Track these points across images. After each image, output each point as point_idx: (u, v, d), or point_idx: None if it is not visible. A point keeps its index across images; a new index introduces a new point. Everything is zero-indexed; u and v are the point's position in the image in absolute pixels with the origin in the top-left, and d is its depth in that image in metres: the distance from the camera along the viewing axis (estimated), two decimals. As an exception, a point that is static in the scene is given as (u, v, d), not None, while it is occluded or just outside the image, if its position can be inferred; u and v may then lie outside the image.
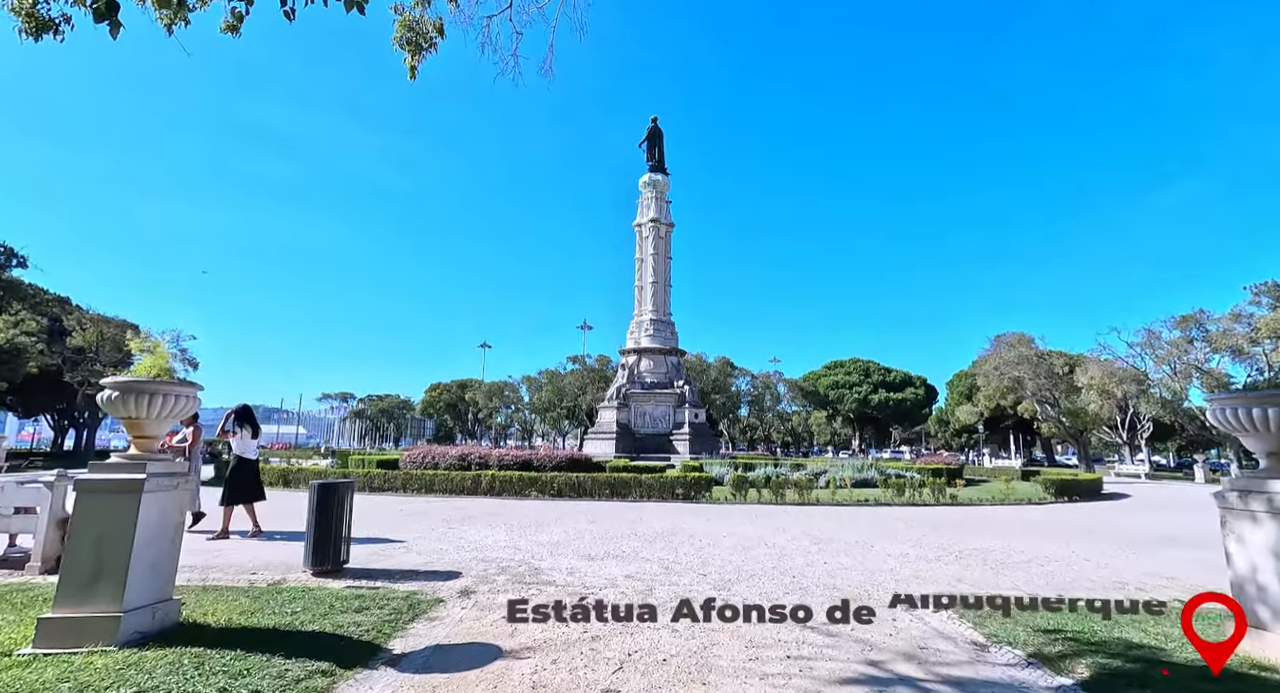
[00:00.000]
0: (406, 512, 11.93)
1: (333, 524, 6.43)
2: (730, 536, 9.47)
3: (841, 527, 10.85)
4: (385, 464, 24.09)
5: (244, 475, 9.12)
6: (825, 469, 23.33)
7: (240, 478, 9.05)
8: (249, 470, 9.25)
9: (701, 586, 6.11)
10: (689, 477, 16.54)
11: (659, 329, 36.70)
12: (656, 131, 38.64)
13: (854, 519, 12.21)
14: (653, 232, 37.40)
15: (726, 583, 6.20)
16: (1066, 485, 19.89)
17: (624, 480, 16.62)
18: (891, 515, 13.18)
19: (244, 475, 9.12)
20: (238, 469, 9.11)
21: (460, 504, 13.67)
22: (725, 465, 23.16)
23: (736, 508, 14.36)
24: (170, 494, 4.43)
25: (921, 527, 11.15)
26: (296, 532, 7.72)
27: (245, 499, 8.99)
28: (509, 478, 17.05)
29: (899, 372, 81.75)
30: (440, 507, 12.95)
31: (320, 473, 18.97)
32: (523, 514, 11.61)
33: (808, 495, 16.35)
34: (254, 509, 9.06)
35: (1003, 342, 46.01)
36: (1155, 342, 39.59)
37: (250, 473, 9.26)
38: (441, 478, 17.51)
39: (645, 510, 12.96)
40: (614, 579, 6.36)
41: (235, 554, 7.35)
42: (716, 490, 16.94)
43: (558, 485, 16.76)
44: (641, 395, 34.74)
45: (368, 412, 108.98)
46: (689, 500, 16.03)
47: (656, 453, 32.76)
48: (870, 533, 10.11)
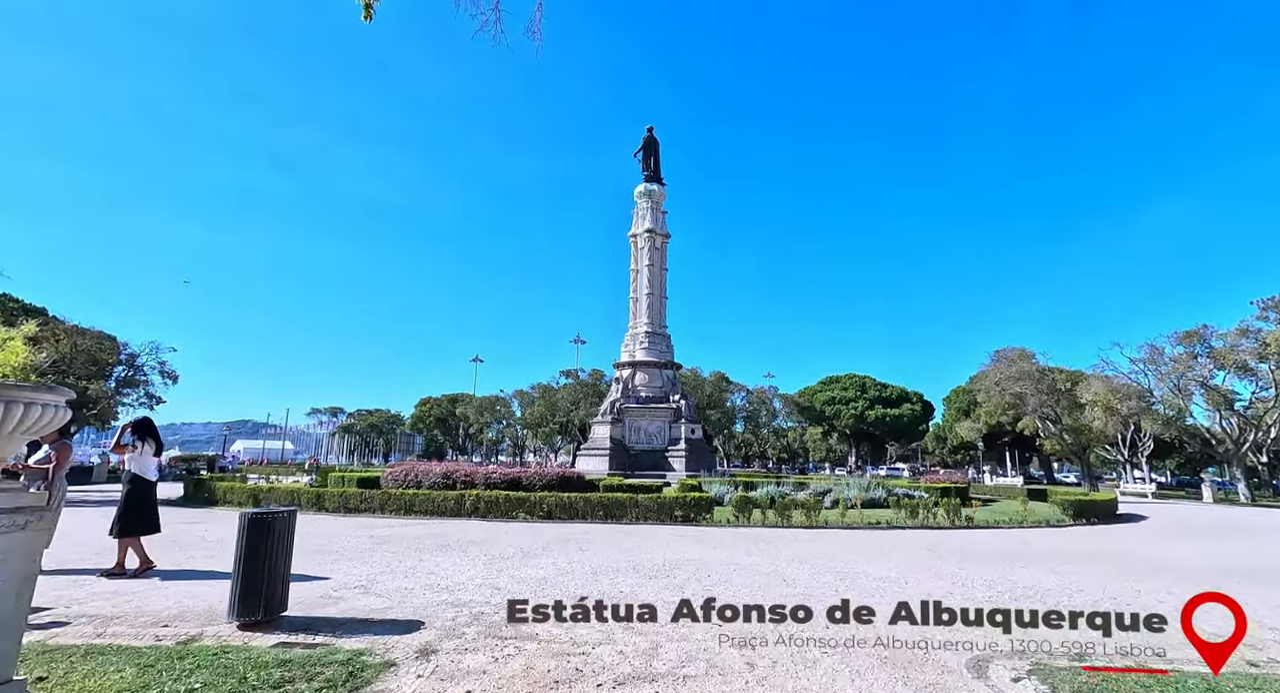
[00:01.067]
0: (378, 538, 10.69)
1: (266, 565, 5.26)
2: (741, 569, 8.32)
3: (862, 556, 9.72)
4: (366, 482, 22.74)
5: (142, 501, 7.71)
6: (829, 488, 22.20)
7: (137, 504, 7.66)
8: (148, 495, 7.83)
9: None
10: (688, 497, 15.37)
11: (654, 342, 35.66)
12: (652, 141, 38.01)
13: (872, 546, 11.07)
14: (648, 242, 36.56)
15: (750, 641, 5.07)
16: (1084, 507, 18.82)
17: (619, 502, 15.43)
18: (911, 541, 12.05)
19: (142, 501, 7.71)
20: (135, 494, 7.67)
21: (440, 529, 12.42)
22: (725, 484, 21.98)
23: (741, 532, 13.19)
24: (15, 536, 3.28)
25: (951, 556, 10.04)
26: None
27: (145, 530, 7.61)
28: (495, 499, 15.82)
29: (895, 387, 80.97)
30: (416, 532, 11.70)
31: (293, 493, 17.63)
32: (507, 542, 10.40)
33: (816, 518, 15.20)
34: (141, 543, 7.63)
35: (1003, 357, 45.26)
36: (1158, 358, 38.90)
37: (149, 499, 7.85)
38: (422, 499, 16.25)
39: (643, 536, 11.78)
40: (610, 633, 5.21)
41: (153, 599, 6.11)
42: (718, 512, 15.76)
43: (547, 507, 15.54)
44: (636, 410, 33.57)
45: (357, 427, 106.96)
46: (689, 523, 14.85)
47: (652, 470, 31.53)
48: (898, 565, 8.98)
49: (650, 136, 38.03)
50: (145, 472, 7.83)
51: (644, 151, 37.82)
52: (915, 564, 9.13)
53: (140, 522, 7.56)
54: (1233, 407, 36.82)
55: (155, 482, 8.02)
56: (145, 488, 7.78)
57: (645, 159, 37.69)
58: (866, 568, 8.60)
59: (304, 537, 10.66)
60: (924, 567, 8.92)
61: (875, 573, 8.16)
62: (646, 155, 37.74)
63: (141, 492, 7.73)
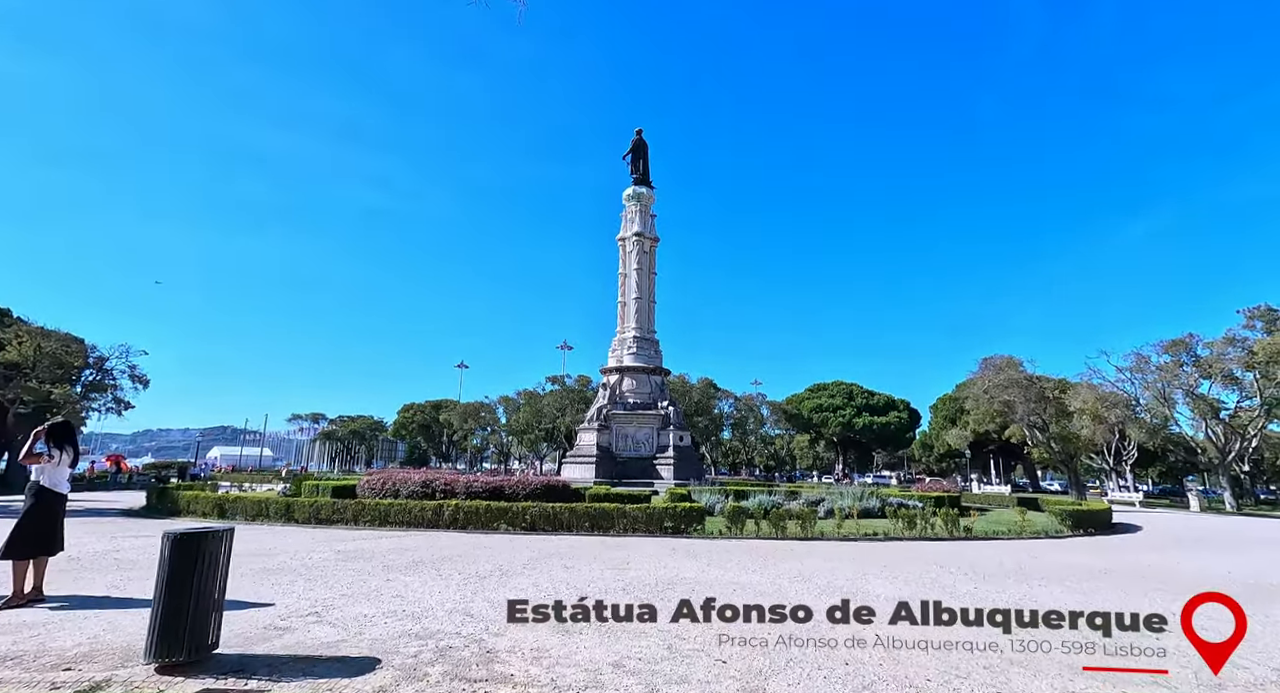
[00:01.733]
0: (345, 553, 9.84)
1: (194, 595, 4.47)
2: (740, 589, 7.63)
3: (866, 572, 9.08)
4: (341, 491, 21.70)
5: (48, 517, 6.70)
6: (822, 497, 21.61)
7: (41, 520, 6.61)
8: (56, 511, 6.83)
9: (726, 684, 4.27)
10: (678, 508, 14.66)
11: (642, 347, 35.01)
12: (641, 144, 37.51)
13: (876, 560, 10.44)
14: (636, 246, 35.99)
15: (759, 676, 4.38)
16: (1082, 518, 18.39)
17: (605, 512, 14.67)
18: (913, 555, 11.44)
19: (48, 517, 6.70)
20: (41, 508, 6.67)
21: (414, 542, 11.59)
22: (715, 493, 21.31)
23: (735, 544, 12.50)
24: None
25: (961, 572, 9.43)
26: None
27: (44, 549, 6.61)
28: (475, 509, 14.98)
29: (882, 395, 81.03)
30: (388, 547, 10.86)
31: (261, 503, 16.65)
32: (486, 558, 9.61)
33: (811, 529, 14.57)
34: (44, 566, 6.65)
35: (991, 365, 45.16)
36: (1144, 366, 39.00)
37: (57, 515, 6.84)
38: (398, 509, 15.37)
39: (632, 549, 11.05)
40: (598, 670, 4.49)
41: (63, 634, 5.23)
42: (709, 523, 15.07)
43: (530, 518, 14.74)
44: (624, 417, 32.83)
45: (338, 433, 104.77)
46: (679, 535, 14.15)
47: (640, 478, 30.77)
48: (908, 583, 8.34)
49: (639, 139, 37.54)
50: (57, 484, 6.80)
51: (633, 154, 37.31)
52: (926, 583, 8.50)
53: (39, 540, 6.55)
54: (1218, 416, 36.94)
55: (66, 496, 7.01)
56: (53, 501, 6.76)
57: (634, 161, 37.17)
58: (875, 587, 7.95)
59: (263, 553, 9.83)
60: (936, 585, 8.29)
61: (886, 593, 7.50)
62: (635, 158, 37.23)
63: (49, 506, 6.71)
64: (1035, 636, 4.96)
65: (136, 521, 16.81)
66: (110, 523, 15.55)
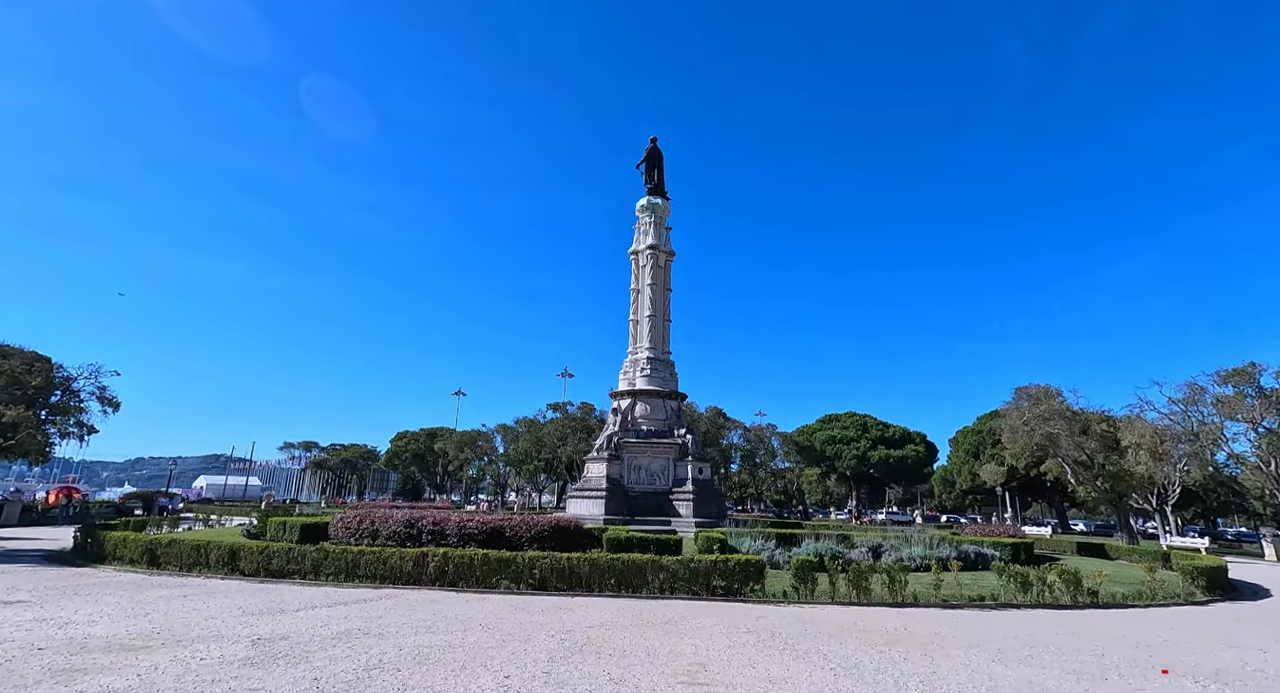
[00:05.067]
0: (263, 646, 6.53)
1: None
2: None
3: (1044, 680, 5.86)
4: (310, 531, 18.33)
5: None
6: (879, 542, 18.25)
7: None
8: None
9: None
10: (730, 562, 11.38)
11: (657, 369, 31.91)
12: (655, 153, 35.21)
13: (1036, 655, 7.18)
14: (650, 260, 33.28)
15: None
16: (1214, 577, 14.86)
17: (636, 566, 11.39)
18: (1078, 639, 8.18)
19: None
20: None
21: (378, 611, 8.33)
22: (752, 536, 17.93)
23: (819, 616, 9.23)
24: None
25: (1191, 680, 6.21)
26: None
27: None
28: (468, 560, 11.70)
29: (898, 427, 77.46)
30: (337, 630, 7.53)
31: (200, 548, 13.30)
32: (484, 657, 6.36)
33: (902, 591, 11.27)
34: None
35: (1027, 395, 41.99)
36: (1200, 398, 35.84)
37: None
38: (370, 558, 12.08)
39: (690, 631, 7.81)
40: None
41: None
42: (770, 579, 11.77)
43: (540, 573, 11.45)
44: (637, 446, 29.50)
45: (330, 462, 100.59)
46: (734, 597, 10.87)
47: (655, 515, 27.32)
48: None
49: (654, 148, 35.26)
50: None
51: (646, 163, 34.97)
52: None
53: None
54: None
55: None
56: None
57: (648, 171, 34.79)
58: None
59: (117, 647, 5.73)
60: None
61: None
62: (649, 167, 34.87)
63: None
64: None
65: (49, 569, 13.47)
66: (4, 576, 12.19)
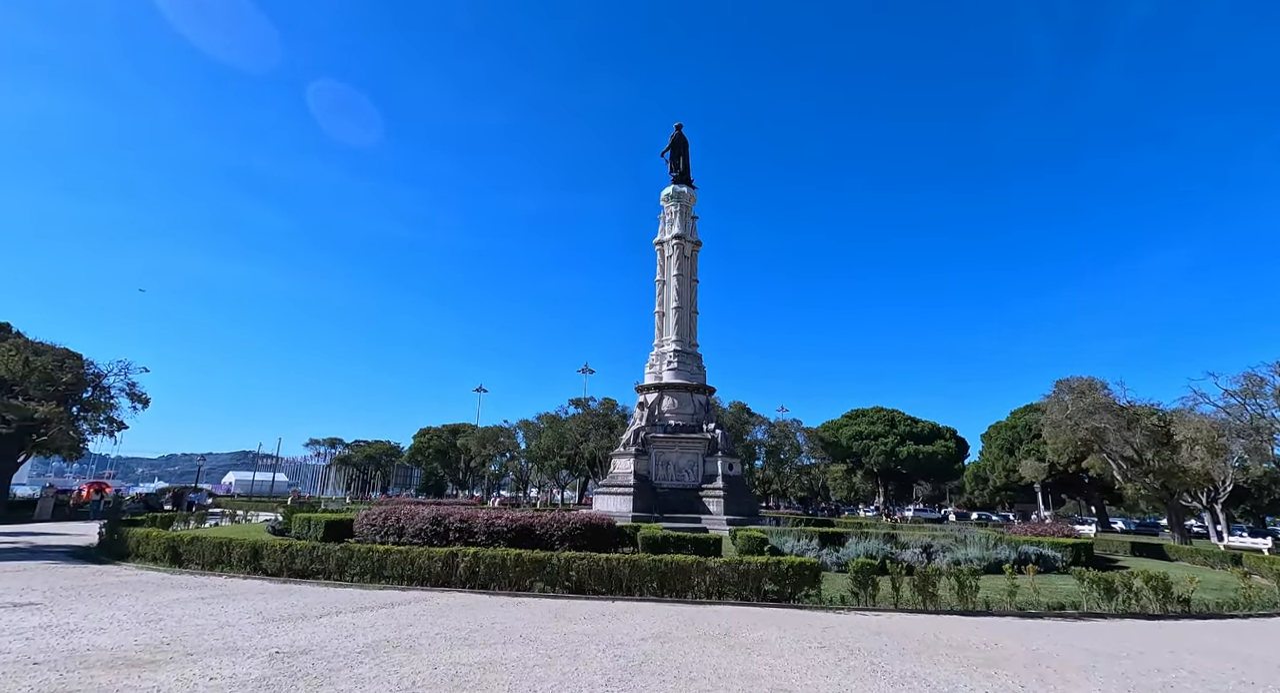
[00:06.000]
0: (283, 659, 5.84)
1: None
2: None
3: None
4: (334, 528, 17.84)
5: None
6: (929, 542, 17.15)
7: None
8: None
9: None
10: (783, 565, 10.47)
11: (684, 362, 30.97)
12: (680, 140, 34.18)
13: (1177, 684, 6.18)
14: (676, 250, 32.32)
15: None
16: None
17: (680, 568, 10.55)
18: (1188, 658, 7.15)
19: None
20: None
21: (408, 623, 7.60)
22: (794, 535, 16.97)
23: (888, 624, 8.30)
24: None
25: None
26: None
27: None
28: (499, 560, 10.97)
29: (926, 423, 75.53)
30: (363, 641, 6.81)
31: (222, 546, 12.79)
32: (516, 663, 5.58)
33: (973, 597, 10.25)
34: None
35: (1068, 387, 40.16)
36: (1259, 390, 33.84)
37: None
38: (397, 558, 11.42)
39: (754, 644, 6.95)
40: None
41: None
42: (827, 583, 10.84)
43: (577, 575, 10.67)
44: (665, 441, 28.63)
45: (354, 458, 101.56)
46: (785, 604, 9.97)
47: (684, 513, 26.45)
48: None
49: (679, 134, 34.24)
50: None
51: (671, 151, 33.98)
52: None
53: None
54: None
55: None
56: None
57: (673, 159, 33.80)
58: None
59: (124, 661, 4.75)
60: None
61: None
62: (675, 155, 33.87)
63: None
64: None
65: (71, 566, 13.09)
66: (21, 574, 11.78)
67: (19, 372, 34.01)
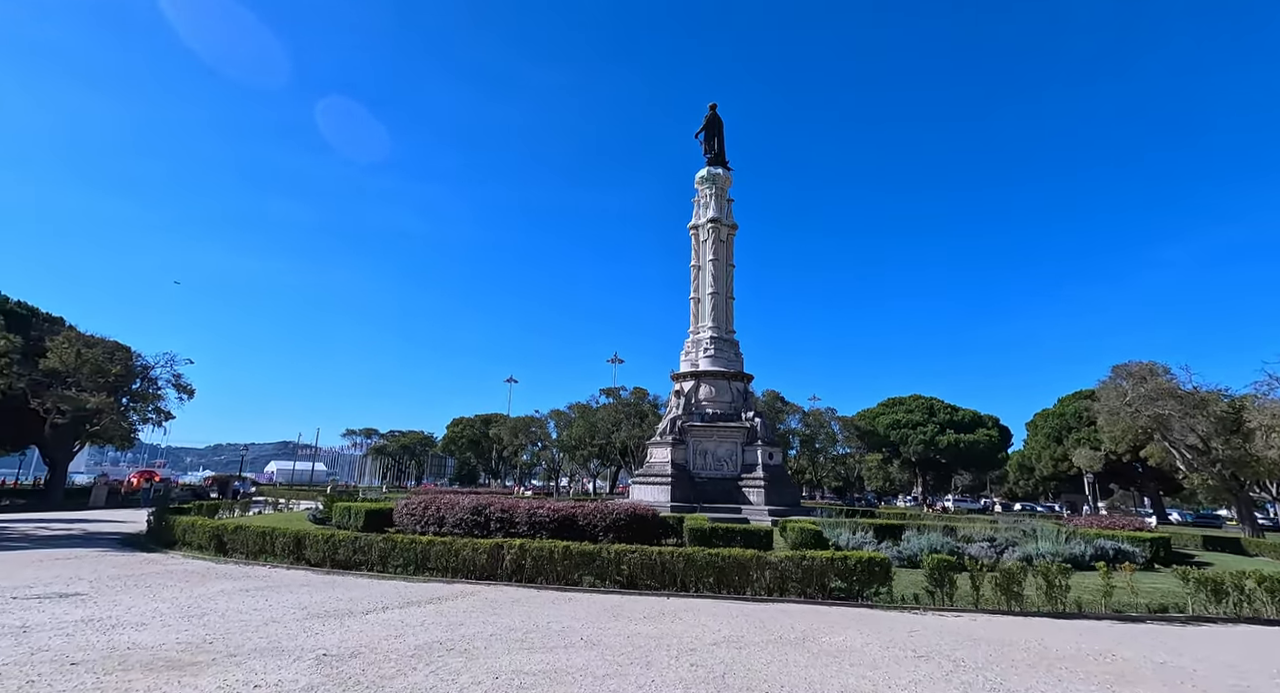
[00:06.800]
0: (331, 664, 5.38)
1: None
2: None
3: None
4: (375, 517, 17.69)
5: None
6: (993, 535, 16.17)
7: None
8: None
9: None
10: (851, 561, 9.72)
11: (721, 349, 30.14)
12: (715, 120, 33.09)
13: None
14: (712, 234, 31.38)
15: None
16: None
17: (738, 563, 9.89)
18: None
19: None
20: None
21: (458, 615, 7.13)
22: (846, 527, 16.14)
23: (979, 632, 7.50)
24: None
25: None
26: None
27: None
28: (547, 553, 10.47)
29: (967, 410, 73.12)
30: (414, 643, 6.32)
31: (265, 535, 12.62)
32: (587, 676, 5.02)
33: (1063, 598, 9.34)
34: None
35: (1126, 373, 38.05)
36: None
37: None
38: (440, 550, 11.03)
39: (838, 653, 6.27)
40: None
41: None
42: (898, 579, 10.05)
43: (628, 570, 10.10)
44: (702, 430, 27.93)
45: (389, 448, 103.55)
46: (852, 602, 9.24)
47: (723, 503, 25.77)
48: None
49: (713, 115, 33.16)
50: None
51: (706, 131, 32.93)
52: None
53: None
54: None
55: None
56: None
57: (708, 140, 32.77)
58: None
59: (149, 663, 4.43)
60: None
61: None
62: (709, 136, 32.82)
63: None
64: None
65: (122, 553, 13.12)
66: (71, 562, 11.76)
67: (72, 364, 35.04)
